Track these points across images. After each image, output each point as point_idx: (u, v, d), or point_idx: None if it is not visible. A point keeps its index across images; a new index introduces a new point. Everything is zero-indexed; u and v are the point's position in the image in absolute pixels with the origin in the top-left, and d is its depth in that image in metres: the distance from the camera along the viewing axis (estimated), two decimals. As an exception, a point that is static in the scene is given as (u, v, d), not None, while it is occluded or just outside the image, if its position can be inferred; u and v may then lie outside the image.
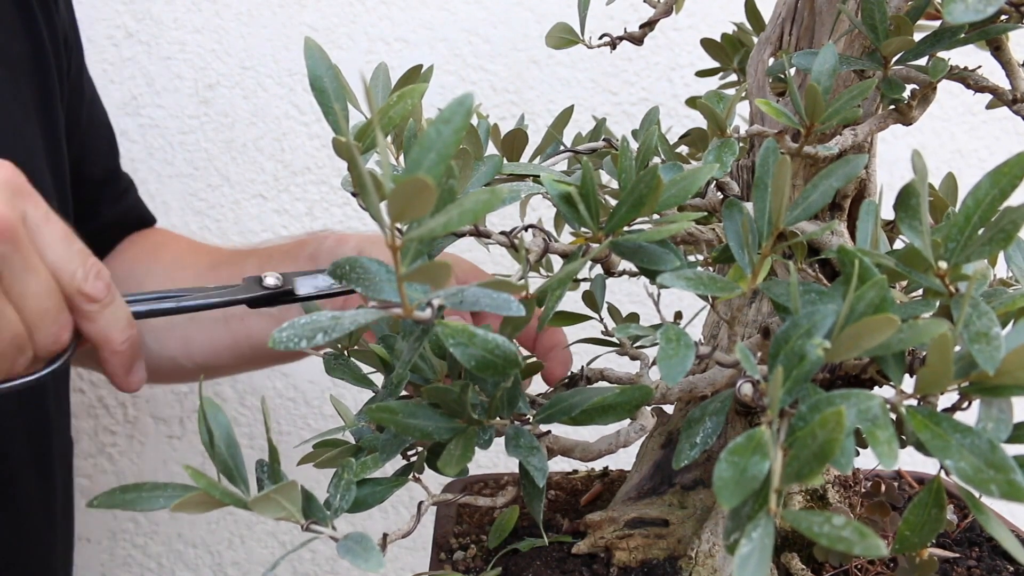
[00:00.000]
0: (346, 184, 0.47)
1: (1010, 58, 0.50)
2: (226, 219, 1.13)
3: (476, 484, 0.71)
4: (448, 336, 0.38)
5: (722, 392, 0.44)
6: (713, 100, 0.51)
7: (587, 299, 0.60)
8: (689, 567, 0.52)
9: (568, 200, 0.45)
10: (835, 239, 0.52)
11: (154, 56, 1.09)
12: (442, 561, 0.58)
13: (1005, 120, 1.13)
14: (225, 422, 0.43)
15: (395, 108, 0.44)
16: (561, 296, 0.45)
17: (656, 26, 0.59)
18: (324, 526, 0.42)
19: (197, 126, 1.12)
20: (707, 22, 1.10)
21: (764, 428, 0.34)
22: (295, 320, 0.36)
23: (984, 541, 0.58)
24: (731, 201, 0.45)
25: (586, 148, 0.55)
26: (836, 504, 0.56)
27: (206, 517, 1.19)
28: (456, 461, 0.43)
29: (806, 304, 0.40)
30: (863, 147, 0.54)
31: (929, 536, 0.39)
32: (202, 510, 0.40)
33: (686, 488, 0.57)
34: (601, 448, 0.48)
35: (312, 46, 0.44)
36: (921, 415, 0.36)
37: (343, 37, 1.10)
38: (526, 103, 1.12)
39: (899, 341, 0.36)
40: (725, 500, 0.32)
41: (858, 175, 0.53)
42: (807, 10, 0.56)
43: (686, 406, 0.59)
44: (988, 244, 0.39)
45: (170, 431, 1.17)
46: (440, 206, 0.35)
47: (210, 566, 1.20)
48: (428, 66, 0.50)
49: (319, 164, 1.13)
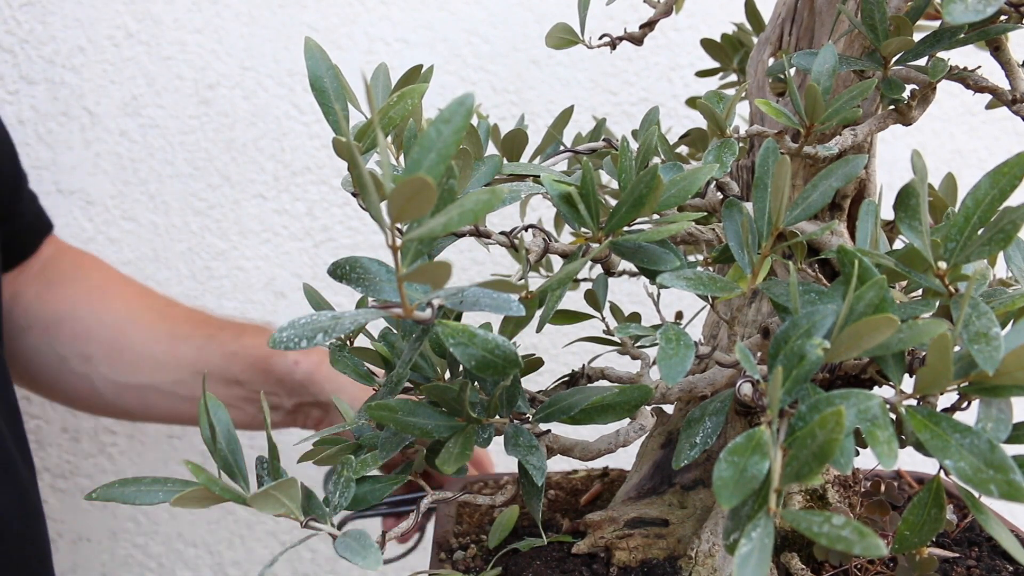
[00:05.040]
0: (346, 184, 0.47)
1: (1010, 58, 0.50)
2: (226, 219, 1.13)
3: (476, 483, 0.71)
4: (448, 336, 0.38)
5: (722, 392, 0.44)
6: (713, 100, 0.51)
7: (589, 298, 0.60)
8: (689, 567, 0.52)
9: (568, 200, 0.45)
10: (835, 239, 0.52)
11: (154, 56, 1.09)
12: (442, 560, 0.58)
13: (1005, 120, 1.13)
14: (226, 419, 0.43)
15: (395, 108, 0.44)
16: (561, 296, 0.45)
17: (656, 26, 0.59)
18: (323, 523, 0.42)
19: (197, 126, 1.12)
20: (707, 22, 1.10)
21: (764, 428, 0.34)
22: (295, 320, 0.36)
23: (984, 541, 0.58)
24: (731, 201, 0.45)
25: (586, 148, 0.55)
26: (836, 504, 0.56)
27: (206, 517, 1.19)
28: (455, 459, 0.43)
29: (806, 304, 0.40)
30: (863, 147, 0.54)
31: (928, 536, 0.39)
32: (202, 505, 0.40)
33: (686, 488, 0.57)
34: (601, 447, 0.48)
35: (312, 46, 0.44)
36: (920, 415, 0.36)
37: (343, 37, 1.10)
38: (526, 103, 1.12)
39: (899, 341, 0.36)
40: (725, 500, 0.32)
41: (858, 175, 0.53)
42: (807, 10, 0.56)
43: (686, 406, 0.59)
44: (988, 244, 0.39)
45: (170, 431, 1.17)
46: (440, 206, 0.35)
47: (210, 566, 1.20)
48: (428, 66, 0.50)
49: (319, 164, 1.13)
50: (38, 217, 0.99)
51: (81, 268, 0.99)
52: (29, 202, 0.98)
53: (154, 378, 0.93)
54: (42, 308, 0.94)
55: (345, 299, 1.11)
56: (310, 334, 0.36)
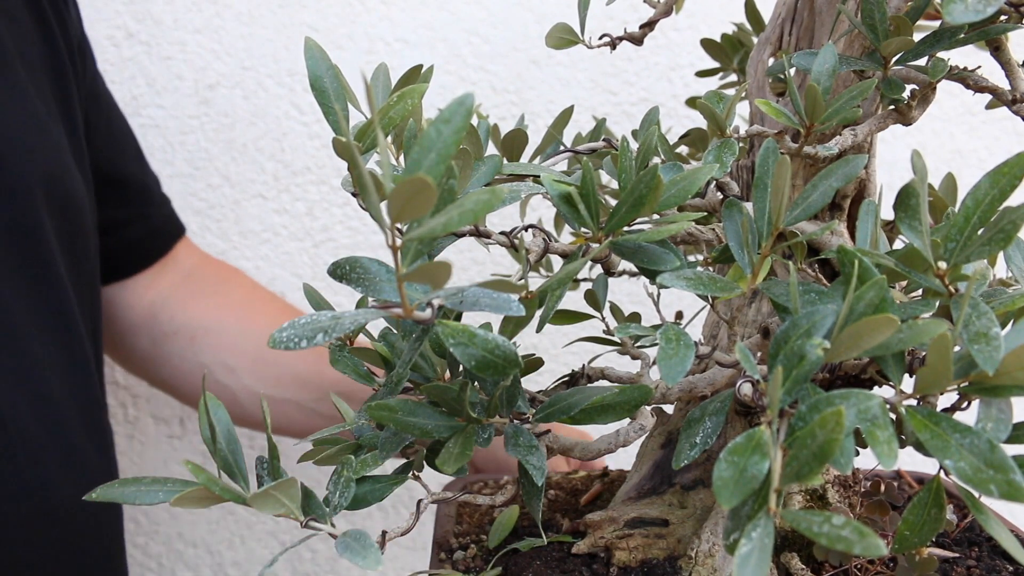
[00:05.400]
0: (346, 184, 0.47)
1: (1010, 58, 0.50)
2: (226, 219, 1.13)
3: (476, 483, 0.71)
4: (448, 336, 0.38)
5: (722, 392, 0.44)
6: (713, 100, 0.51)
7: (589, 298, 0.60)
8: (689, 567, 0.52)
9: (568, 200, 0.45)
10: (835, 239, 0.52)
11: (154, 56, 1.09)
12: (442, 560, 0.58)
13: (1005, 120, 1.13)
14: (226, 419, 0.43)
15: (395, 108, 0.44)
16: (561, 296, 0.45)
17: (656, 26, 0.59)
18: (323, 523, 0.42)
19: (197, 126, 1.12)
20: (707, 22, 1.10)
21: (764, 428, 0.34)
22: (295, 320, 0.36)
23: (983, 541, 0.58)
24: (731, 201, 0.45)
25: (586, 148, 0.55)
26: (836, 504, 0.56)
27: (206, 517, 1.19)
28: (455, 459, 0.43)
29: (806, 304, 0.40)
30: (863, 147, 0.54)
31: (928, 536, 0.39)
32: (202, 505, 0.40)
33: (686, 488, 0.57)
34: (600, 447, 0.48)
35: (312, 46, 0.44)
36: (920, 415, 0.36)
37: (343, 37, 1.10)
38: (526, 103, 1.12)
39: (899, 341, 0.36)
40: (725, 500, 0.32)
41: (858, 175, 0.53)
42: (807, 10, 0.56)
43: (686, 406, 0.59)
44: (988, 244, 0.39)
45: (170, 431, 1.17)
46: (440, 206, 0.35)
47: (210, 566, 1.20)
48: (428, 66, 0.50)
49: (319, 164, 1.13)
50: (168, 220, 1.01)
51: (227, 281, 1.02)
52: (159, 205, 1.00)
53: (298, 395, 0.95)
54: (188, 316, 0.97)
55: (345, 299, 1.11)
56: (310, 334, 0.36)
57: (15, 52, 0.81)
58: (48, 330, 0.80)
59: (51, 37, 0.86)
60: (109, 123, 0.96)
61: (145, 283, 0.98)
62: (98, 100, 0.95)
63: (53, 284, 0.80)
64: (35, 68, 0.84)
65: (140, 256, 0.98)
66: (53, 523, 0.77)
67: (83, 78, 0.91)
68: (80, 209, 0.85)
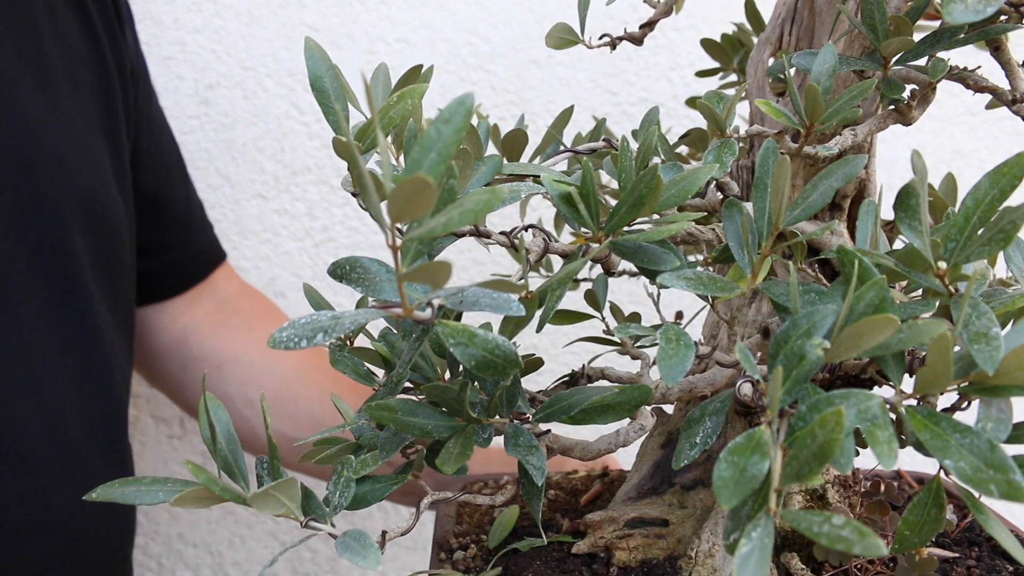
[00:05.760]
0: (346, 184, 0.47)
1: (1010, 58, 0.50)
2: (226, 219, 1.13)
3: (475, 483, 0.71)
4: (448, 336, 0.38)
5: (722, 392, 0.44)
6: (713, 100, 0.51)
7: (589, 298, 0.60)
8: (689, 567, 0.52)
9: (568, 200, 0.45)
10: (835, 239, 0.52)
11: (154, 56, 1.09)
12: (442, 560, 0.58)
13: (1005, 120, 1.13)
14: (226, 419, 0.43)
15: (395, 108, 0.44)
16: (561, 296, 0.45)
17: (656, 26, 0.59)
18: (323, 523, 0.42)
19: (197, 126, 1.12)
20: (707, 22, 1.10)
21: (764, 428, 0.34)
22: (295, 320, 0.36)
23: (983, 541, 0.58)
24: (731, 201, 0.45)
25: (586, 148, 0.55)
26: (836, 504, 0.56)
27: (207, 517, 1.19)
28: (455, 459, 0.43)
29: (806, 304, 0.40)
30: (863, 147, 0.54)
31: (928, 536, 0.39)
32: (202, 505, 0.40)
33: (686, 488, 0.57)
34: (601, 448, 0.48)
35: (312, 46, 0.44)
36: (920, 415, 0.36)
37: (343, 37, 1.10)
38: (526, 103, 1.12)
39: (899, 341, 0.36)
40: (725, 500, 0.32)
41: (858, 175, 0.53)
42: (807, 10, 0.56)
43: (686, 406, 0.59)
44: (988, 244, 0.39)
45: (170, 431, 1.17)
46: (440, 206, 0.35)
47: (210, 566, 1.20)
48: (428, 66, 0.50)
49: (319, 164, 1.13)
50: (209, 245, 1.02)
51: (260, 315, 1.03)
52: (200, 231, 1.01)
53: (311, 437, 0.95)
54: (218, 345, 0.98)
55: (345, 299, 1.11)
56: (310, 334, 0.36)
57: (63, 72, 0.82)
58: (67, 343, 0.80)
59: (102, 59, 0.87)
60: (159, 146, 0.97)
61: (180, 308, 0.99)
62: (151, 124, 0.96)
63: (76, 298, 0.81)
64: (83, 88, 0.84)
65: (177, 280, 0.99)
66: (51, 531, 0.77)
67: (134, 101, 0.92)
68: (116, 227, 0.86)
